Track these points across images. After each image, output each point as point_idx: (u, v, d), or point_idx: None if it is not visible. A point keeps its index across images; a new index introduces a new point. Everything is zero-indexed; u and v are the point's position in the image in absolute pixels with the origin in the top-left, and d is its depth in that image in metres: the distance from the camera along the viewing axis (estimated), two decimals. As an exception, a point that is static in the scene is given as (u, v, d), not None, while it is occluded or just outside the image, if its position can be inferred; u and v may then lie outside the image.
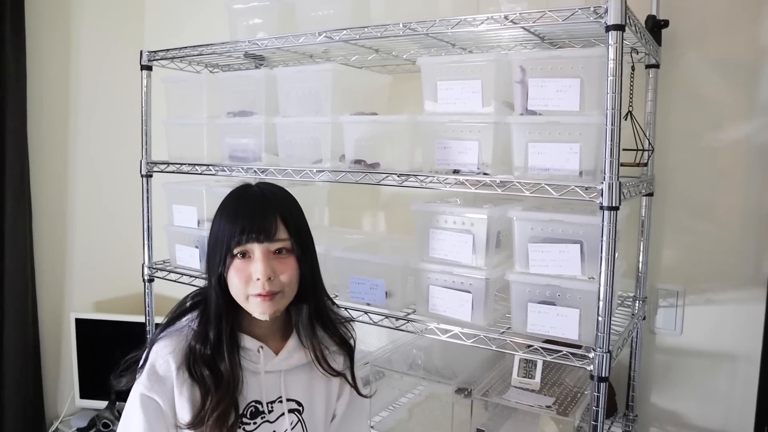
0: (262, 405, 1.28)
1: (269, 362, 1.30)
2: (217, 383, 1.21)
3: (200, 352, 1.23)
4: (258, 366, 1.28)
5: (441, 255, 1.52)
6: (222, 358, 1.23)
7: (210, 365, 1.22)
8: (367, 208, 2.28)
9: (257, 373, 1.28)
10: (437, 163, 1.51)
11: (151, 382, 1.22)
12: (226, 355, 1.23)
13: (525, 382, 1.59)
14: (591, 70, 1.31)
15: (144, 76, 2.05)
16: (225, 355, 1.23)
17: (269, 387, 1.29)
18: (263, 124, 1.83)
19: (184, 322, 1.31)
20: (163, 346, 1.25)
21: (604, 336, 1.27)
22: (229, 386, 1.21)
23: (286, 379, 1.31)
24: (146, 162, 2.08)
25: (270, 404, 1.29)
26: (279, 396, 1.30)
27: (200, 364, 1.22)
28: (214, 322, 1.26)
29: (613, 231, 1.24)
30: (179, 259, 2.10)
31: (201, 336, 1.25)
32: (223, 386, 1.21)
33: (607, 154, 1.23)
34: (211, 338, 1.24)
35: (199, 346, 1.24)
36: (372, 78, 1.89)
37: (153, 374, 1.22)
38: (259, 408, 1.28)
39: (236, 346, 1.26)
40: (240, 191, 1.31)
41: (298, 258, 1.26)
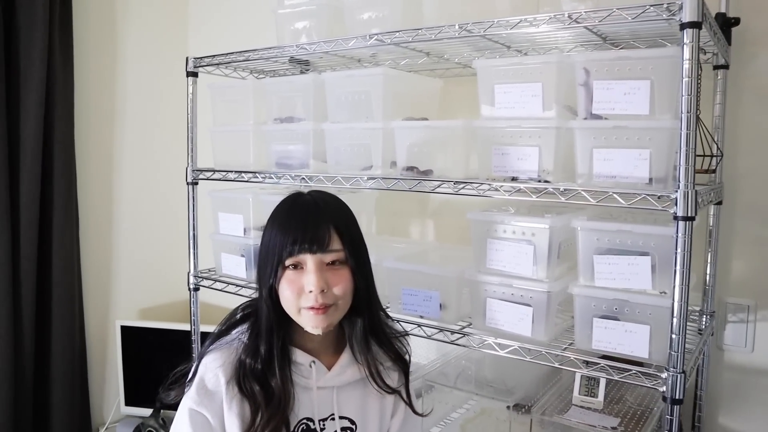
0: (313, 422, 1.24)
1: (321, 378, 1.25)
2: (267, 399, 1.17)
3: (250, 366, 1.20)
4: (310, 381, 1.24)
5: (499, 266, 1.45)
6: (273, 374, 1.19)
7: (260, 380, 1.19)
8: (415, 216, 2.23)
9: (309, 389, 1.24)
10: (494, 170, 1.45)
11: (200, 396, 1.19)
12: (277, 370, 1.20)
13: (587, 400, 1.51)
14: (662, 71, 1.23)
15: (189, 83, 2.03)
16: (276, 371, 1.19)
17: (321, 404, 1.25)
18: (311, 130, 1.79)
19: (234, 335, 1.28)
20: (213, 360, 1.22)
21: (678, 355, 1.19)
22: (280, 403, 1.18)
23: (338, 396, 1.27)
24: (192, 169, 2.06)
25: (322, 422, 1.24)
26: (331, 413, 1.25)
27: (250, 379, 1.18)
28: (265, 336, 1.22)
29: (688, 243, 1.16)
30: (225, 268, 2.07)
31: (251, 350, 1.22)
32: (273, 403, 1.17)
33: (682, 160, 1.15)
34: (262, 352, 1.21)
35: (250, 360, 1.20)
36: (423, 82, 1.83)
37: (202, 388, 1.19)
38: (310, 426, 1.23)
39: (288, 361, 1.23)
40: (292, 200, 1.27)
41: (353, 270, 1.21)
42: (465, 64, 1.88)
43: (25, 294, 2.30)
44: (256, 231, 1.98)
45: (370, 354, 1.28)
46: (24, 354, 2.31)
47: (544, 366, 1.78)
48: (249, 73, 2.18)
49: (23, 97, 2.24)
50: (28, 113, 2.25)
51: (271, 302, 1.22)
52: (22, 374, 2.31)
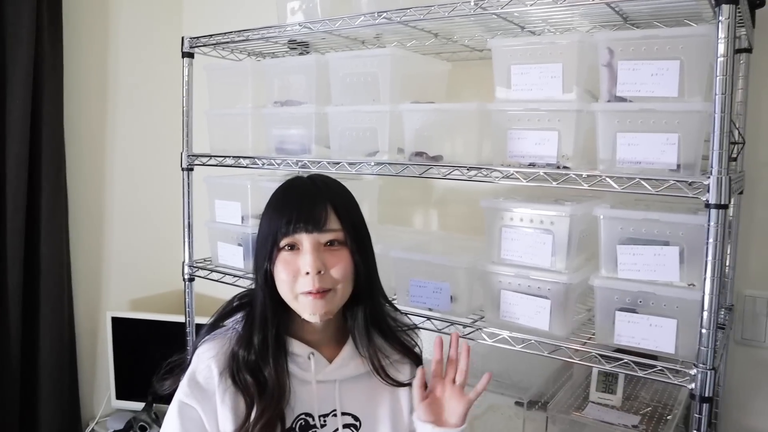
0: (313, 418, 1.17)
1: (321, 371, 1.19)
2: (261, 392, 1.11)
3: (244, 357, 1.14)
4: (308, 374, 1.17)
5: (515, 257, 1.38)
6: (267, 364, 1.13)
7: (254, 372, 1.13)
8: (418, 205, 2.15)
9: (308, 383, 1.17)
10: (510, 155, 1.38)
11: (191, 388, 1.13)
12: (270, 360, 1.13)
13: (605, 397, 1.45)
14: (693, 50, 1.16)
15: (185, 64, 1.95)
16: (270, 361, 1.13)
17: (322, 399, 1.18)
18: (313, 114, 1.70)
19: (230, 324, 1.22)
20: (206, 350, 1.16)
21: (708, 351, 1.13)
22: (273, 395, 1.11)
23: (341, 390, 1.20)
24: (187, 155, 1.97)
25: (323, 417, 1.17)
26: (333, 409, 1.19)
27: (243, 371, 1.12)
28: (259, 325, 1.16)
29: (721, 232, 1.09)
30: (221, 258, 1.99)
31: (245, 340, 1.16)
32: (267, 395, 1.11)
33: (716, 144, 1.09)
34: (256, 343, 1.14)
35: (243, 351, 1.14)
36: (431, 64, 1.75)
37: (193, 380, 1.14)
38: (309, 422, 1.17)
39: (284, 352, 1.16)
40: (289, 183, 1.21)
41: (352, 251, 1.15)
42: (473, 47, 1.81)
43: (12, 284, 2.21)
44: (255, 219, 1.90)
45: (372, 346, 1.22)
46: (10, 346, 2.22)
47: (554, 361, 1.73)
48: (247, 56, 2.09)
49: (9, 78, 2.15)
50: (14, 95, 2.15)
51: (267, 288, 1.16)
52: (7, 367, 2.23)
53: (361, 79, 1.61)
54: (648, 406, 1.47)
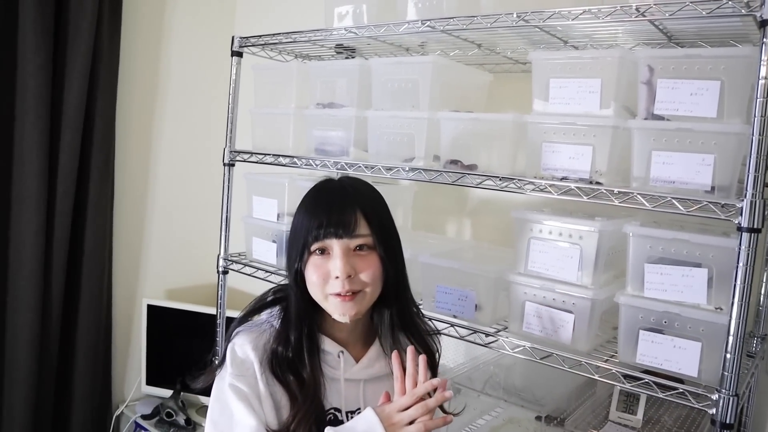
0: (341, 413, 1.20)
1: (349, 369, 1.21)
2: (301, 388, 1.14)
3: (282, 354, 1.16)
4: (337, 372, 1.20)
5: (541, 269, 1.38)
6: (303, 362, 1.16)
7: (293, 369, 1.16)
8: (452, 213, 2.16)
9: (336, 380, 1.20)
10: (543, 168, 1.38)
11: (238, 370, 1.16)
12: (306, 358, 1.16)
13: (625, 417, 1.43)
14: (734, 71, 1.15)
15: (234, 63, 2.00)
16: (306, 359, 1.16)
17: (349, 396, 1.21)
18: (353, 117, 1.74)
19: (264, 317, 1.25)
20: (244, 341, 1.19)
21: (732, 376, 1.11)
22: (311, 392, 1.14)
23: (366, 390, 1.22)
24: (229, 150, 2.03)
25: (350, 414, 1.20)
26: (358, 407, 1.21)
27: (284, 368, 1.15)
28: (294, 323, 1.19)
29: (752, 256, 1.08)
30: (255, 253, 2.04)
31: (283, 338, 1.18)
32: (305, 391, 1.14)
33: (752, 167, 1.07)
34: (292, 341, 1.17)
35: (281, 348, 1.17)
36: (472, 75, 1.77)
37: (237, 364, 1.16)
38: (338, 416, 1.19)
39: (316, 349, 1.19)
40: (321, 185, 1.24)
41: (381, 256, 1.17)
42: (516, 60, 1.82)
43: (56, 264, 2.30)
44: (290, 217, 1.93)
45: (399, 347, 1.23)
46: (51, 324, 2.31)
47: (577, 378, 1.71)
48: (294, 57, 2.14)
49: (69, 67, 2.24)
50: (72, 83, 2.25)
51: (298, 288, 1.19)
52: (47, 345, 2.31)
53: (402, 85, 1.63)
54: (669, 429, 1.44)
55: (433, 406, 1.05)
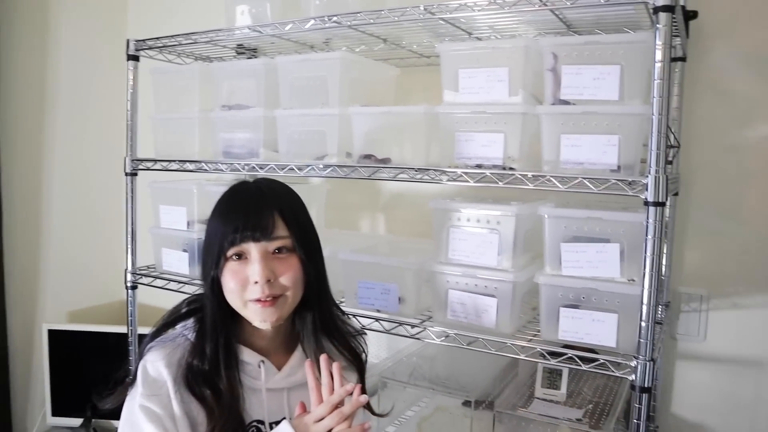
0: (264, 426, 1.15)
1: (271, 379, 1.17)
2: (218, 402, 1.09)
3: (198, 368, 1.11)
4: (258, 383, 1.16)
5: (462, 257, 1.41)
6: (219, 375, 1.10)
7: (210, 383, 1.10)
8: (365, 209, 2.17)
9: (258, 391, 1.16)
10: (457, 157, 1.40)
11: (150, 390, 1.09)
12: (223, 371, 1.11)
13: (550, 393, 1.48)
14: (633, 56, 1.22)
15: (130, 67, 1.91)
16: (222, 372, 1.11)
17: (272, 407, 1.16)
18: (262, 117, 1.70)
19: (178, 330, 1.18)
20: (156, 358, 1.12)
21: (647, 343, 1.17)
22: (230, 405, 1.09)
23: (290, 399, 1.18)
24: (131, 159, 1.93)
25: (274, 425, 1.15)
26: (283, 417, 1.16)
27: (200, 382, 1.09)
28: (210, 334, 1.13)
29: (659, 229, 1.14)
30: (166, 264, 1.95)
31: (198, 349, 1.13)
32: (223, 405, 1.08)
33: (653, 145, 1.14)
34: (208, 353, 1.12)
35: (196, 361, 1.11)
36: (380, 69, 1.77)
37: (149, 386, 1.09)
38: (261, 429, 1.15)
39: (234, 360, 1.14)
40: (235, 188, 1.19)
41: (301, 258, 1.13)
42: (421, 54, 1.84)
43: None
44: (201, 224, 1.88)
45: (321, 352, 1.19)
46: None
47: (500, 361, 1.76)
48: (193, 59, 2.07)
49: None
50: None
51: (214, 297, 1.14)
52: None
53: (310, 82, 1.62)
54: (590, 402, 1.51)
55: (348, 413, 1.03)
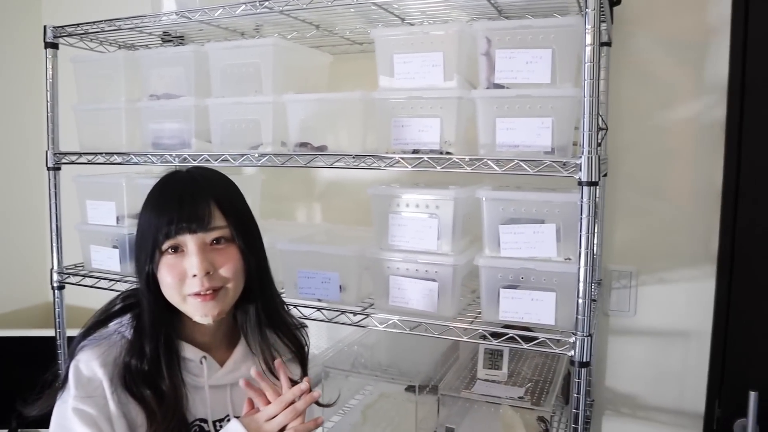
0: (207, 424, 1.12)
1: (213, 375, 1.14)
2: (160, 403, 1.04)
3: (137, 368, 1.06)
4: (201, 380, 1.12)
5: (402, 242, 1.41)
6: (161, 375, 1.06)
7: (150, 383, 1.05)
8: (300, 199, 2.15)
9: (201, 388, 1.12)
10: (394, 143, 1.40)
11: (84, 394, 1.03)
12: (165, 370, 1.06)
13: (491, 374, 1.51)
14: (563, 40, 1.24)
15: (48, 56, 1.81)
16: (164, 371, 1.06)
17: (215, 404, 1.13)
18: (193, 107, 1.65)
19: (112, 328, 1.12)
20: (90, 358, 1.06)
21: (585, 319, 1.21)
22: (172, 405, 1.05)
23: (233, 395, 1.15)
24: (53, 153, 1.84)
25: (217, 423, 1.13)
26: (226, 414, 1.14)
27: (139, 383, 1.05)
28: (150, 332, 1.08)
29: (592, 207, 1.18)
30: (95, 262, 1.88)
31: (136, 348, 1.07)
32: (166, 406, 1.04)
33: (586, 126, 1.17)
34: (148, 352, 1.07)
35: (135, 361, 1.06)
36: (314, 56, 1.75)
37: (83, 387, 1.04)
38: (204, 427, 1.12)
39: (176, 358, 1.10)
40: (167, 178, 1.14)
41: (241, 248, 1.10)
42: (353, 40, 1.83)
43: None
44: (131, 219, 1.81)
45: (266, 344, 1.18)
46: None
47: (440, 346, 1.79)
48: (117, 48, 1.98)
49: None
50: None
51: (150, 293, 1.09)
52: None
53: (242, 70, 1.58)
54: (530, 380, 1.55)
55: (302, 409, 1.02)
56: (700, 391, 1.67)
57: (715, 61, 1.60)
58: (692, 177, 1.66)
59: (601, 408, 1.79)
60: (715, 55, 1.60)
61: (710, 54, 1.61)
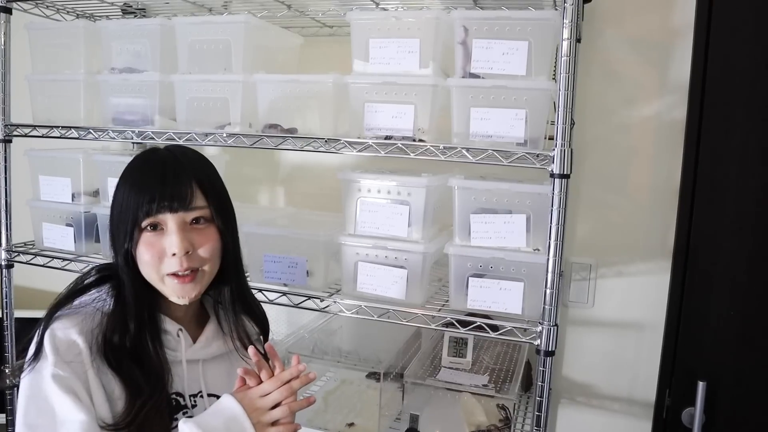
0: (184, 398, 1.11)
1: (188, 349, 1.12)
2: (146, 377, 1.02)
3: (120, 344, 1.03)
4: (178, 354, 1.11)
5: (372, 229, 1.40)
6: (146, 351, 1.04)
7: (135, 357, 1.03)
8: (263, 182, 2.11)
9: (178, 363, 1.10)
10: (366, 128, 1.39)
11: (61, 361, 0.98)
12: (150, 345, 1.05)
13: (456, 361, 1.53)
14: (540, 33, 1.25)
15: (1, 21, 1.72)
16: (149, 346, 1.05)
17: (190, 379, 1.12)
18: (157, 82, 1.59)
19: (86, 299, 1.08)
20: (67, 326, 1.02)
21: (552, 309, 1.23)
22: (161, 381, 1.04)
23: (205, 370, 1.14)
24: (4, 124, 1.75)
25: (192, 398, 1.12)
26: (199, 390, 1.13)
27: (125, 359, 1.02)
28: (133, 309, 1.06)
29: (564, 200, 1.20)
30: (47, 240, 1.80)
31: (119, 324, 1.05)
32: (152, 380, 1.03)
33: (560, 119, 1.19)
34: (131, 328, 1.05)
35: (117, 336, 1.04)
36: (285, 37, 1.72)
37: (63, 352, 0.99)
38: (180, 402, 1.10)
39: (158, 332, 1.08)
40: (147, 155, 1.12)
41: (219, 229, 1.09)
42: (324, 23, 1.80)
43: None
44: (88, 197, 1.75)
45: (239, 323, 1.18)
46: None
47: (401, 334, 1.79)
48: (75, 17, 1.90)
49: None
50: None
51: (129, 270, 1.07)
52: None
53: (211, 46, 1.54)
54: (492, 369, 1.57)
55: (297, 388, 1.02)
56: (652, 381, 1.72)
57: (678, 62, 1.64)
58: (652, 174, 1.70)
59: (557, 396, 1.83)
60: (678, 56, 1.64)
61: (674, 55, 1.65)
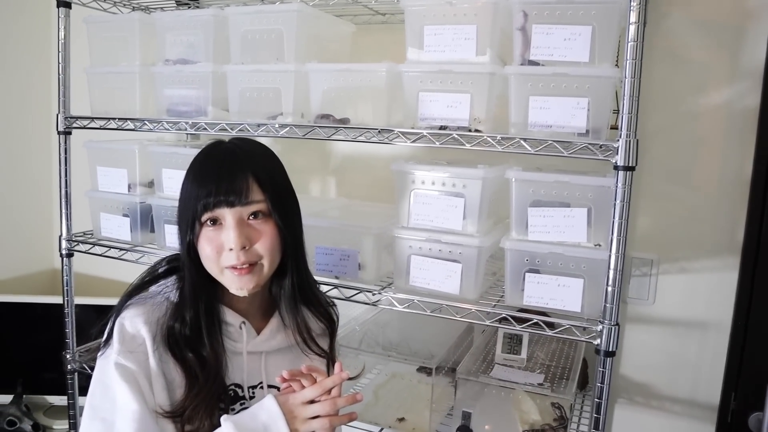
0: (242, 389, 1.13)
1: (250, 341, 1.14)
2: (202, 367, 1.05)
3: (180, 331, 1.07)
4: (240, 345, 1.13)
5: (425, 221, 1.37)
6: (202, 341, 1.07)
7: (193, 347, 1.07)
8: (314, 172, 2.10)
9: (238, 354, 1.13)
10: (420, 118, 1.36)
11: (126, 350, 1.04)
12: (206, 335, 1.07)
13: (510, 358, 1.48)
14: (604, 17, 1.19)
15: (61, 15, 1.75)
16: (205, 336, 1.07)
17: (250, 370, 1.14)
18: (210, 73, 1.59)
19: (157, 289, 1.13)
20: (134, 315, 1.07)
21: (613, 307, 1.18)
22: (213, 370, 1.06)
23: (267, 363, 1.16)
24: (64, 117, 1.79)
25: (251, 389, 1.14)
26: (260, 381, 1.15)
27: (183, 346, 1.06)
28: (190, 300, 1.09)
29: (628, 193, 1.14)
30: (105, 230, 1.83)
31: (179, 314, 1.09)
32: (207, 370, 1.06)
33: (626, 108, 1.13)
34: (188, 319, 1.08)
35: (178, 324, 1.07)
36: (337, 25, 1.69)
37: (126, 343, 1.04)
38: (239, 393, 1.12)
39: (217, 324, 1.11)
40: (209, 149, 1.14)
41: (277, 223, 1.09)
42: (377, 11, 1.77)
43: None
44: (144, 187, 1.77)
45: (300, 317, 1.18)
46: None
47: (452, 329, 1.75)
48: (131, 9, 1.92)
49: None
50: None
51: (191, 262, 1.10)
52: None
53: (264, 36, 1.52)
54: (548, 367, 1.52)
55: (341, 405, 1.01)
56: (716, 383, 1.64)
57: (752, 45, 1.55)
58: (720, 165, 1.61)
59: (614, 395, 1.77)
60: (752, 39, 1.54)
61: (747, 38, 1.55)
